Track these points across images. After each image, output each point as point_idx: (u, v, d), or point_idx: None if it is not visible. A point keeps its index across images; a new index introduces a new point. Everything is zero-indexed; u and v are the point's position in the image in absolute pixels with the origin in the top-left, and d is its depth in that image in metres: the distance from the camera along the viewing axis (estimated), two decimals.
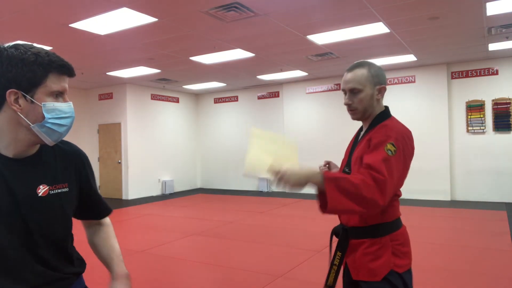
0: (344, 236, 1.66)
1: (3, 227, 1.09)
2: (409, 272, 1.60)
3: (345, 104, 1.71)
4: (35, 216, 1.14)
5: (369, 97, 1.66)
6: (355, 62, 1.71)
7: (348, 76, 1.68)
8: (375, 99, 1.67)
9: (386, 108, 1.73)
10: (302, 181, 1.47)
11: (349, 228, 1.66)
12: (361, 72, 1.66)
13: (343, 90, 1.71)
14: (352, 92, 1.67)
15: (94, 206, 1.40)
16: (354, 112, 1.70)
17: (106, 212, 1.44)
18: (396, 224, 1.62)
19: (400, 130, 1.59)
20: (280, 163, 1.49)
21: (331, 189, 1.42)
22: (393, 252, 1.57)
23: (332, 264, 1.69)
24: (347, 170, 1.71)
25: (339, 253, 1.67)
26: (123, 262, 1.39)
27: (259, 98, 11.36)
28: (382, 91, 1.69)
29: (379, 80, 1.67)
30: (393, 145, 1.52)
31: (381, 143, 1.53)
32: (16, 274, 1.11)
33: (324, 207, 1.50)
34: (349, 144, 1.85)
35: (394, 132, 1.56)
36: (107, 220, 1.48)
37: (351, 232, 1.65)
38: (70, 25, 5.33)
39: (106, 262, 1.38)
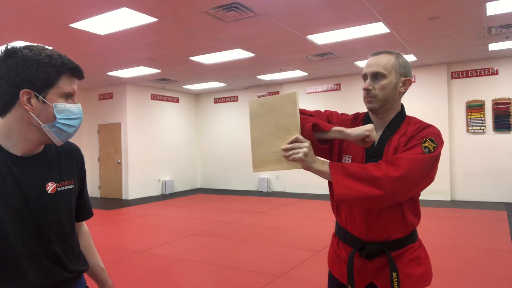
0: (390, 253, 1.48)
1: (16, 224, 1.11)
2: None
3: (365, 88, 1.50)
4: (45, 213, 1.17)
5: (392, 86, 1.48)
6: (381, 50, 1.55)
7: (373, 59, 1.51)
8: (397, 92, 1.50)
9: (403, 107, 1.58)
10: (311, 158, 1.33)
11: (394, 242, 1.48)
12: (388, 58, 1.49)
13: (364, 75, 1.52)
14: (374, 77, 1.49)
15: (83, 205, 1.39)
16: (372, 100, 1.49)
17: (90, 213, 1.44)
18: None
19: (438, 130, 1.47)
20: (282, 135, 1.34)
21: (338, 174, 1.31)
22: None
23: None
24: None
25: (394, 274, 1.45)
26: None
27: (259, 98, 11.34)
28: (407, 84, 1.51)
29: (405, 72, 1.50)
30: (433, 141, 1.38)
31: (420, 140, 1.39)
32: (25, 274, 1.12)
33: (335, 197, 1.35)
34: (349, 144, 1.56)
35: (436, 129, 1.45)
36: (85, 226, 1.49)
37: (396, 245, 1.49)
38: (70, 25, 5.33)
39: (94, 270, 1.45)
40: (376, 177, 1.28)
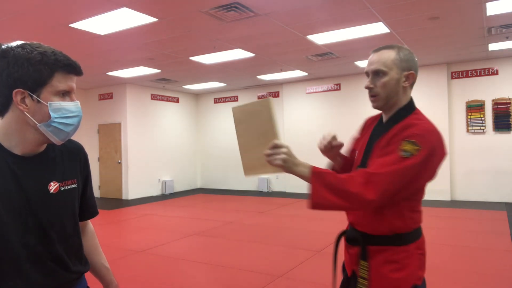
0: (365, 244, 1.47)
1: (17, 225, 1.09)
2: (424, 282, 1.48)
3: (366, 87, 1.49)
4: (48, 213, 1.15)
5: (394, 82, 1.45)
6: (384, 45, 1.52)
7: (374, 56, 1.48)
8: (401, 86, 1.46)
9: (411, 99, 1.52)
10: (290, 162, 1.33)
11: (370, 236, 1.46)
12: (388, 53, 1.46)
13: (366, 72, 1.51)
14: (375, 75, 1.47)
15: (88, 205, 1.38)
16: (376, 98, 1.48)
17: (95, 213, 1.42)
18: (419, 231, 1.49)
19: (431, 127, 1.38)
20: (263, 141, 1.35)
21: (315, 183, 1.32)
22: (418, 263, 1.43)
23: (361, 278, 1.46)
24: None
25: (364, 263, 1.45)
26: None
27: (259, 98, 11.35)
28: (410, 78, 1.47)
29: (408, 65, 1.46)
30: (415, 143, 1.31)
31: (398, 143, 1.35)
32: (26, 275, 1.11)
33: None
34: (361, 137, 1.64)
35: (420, 128, 1.36)
36: (91, 225, 1.48)
37: (372, 240, 1.46)
38: (70, 25, 5.33)
39: (99, 271, 1.44)
40: (351, 193, 1.29)
